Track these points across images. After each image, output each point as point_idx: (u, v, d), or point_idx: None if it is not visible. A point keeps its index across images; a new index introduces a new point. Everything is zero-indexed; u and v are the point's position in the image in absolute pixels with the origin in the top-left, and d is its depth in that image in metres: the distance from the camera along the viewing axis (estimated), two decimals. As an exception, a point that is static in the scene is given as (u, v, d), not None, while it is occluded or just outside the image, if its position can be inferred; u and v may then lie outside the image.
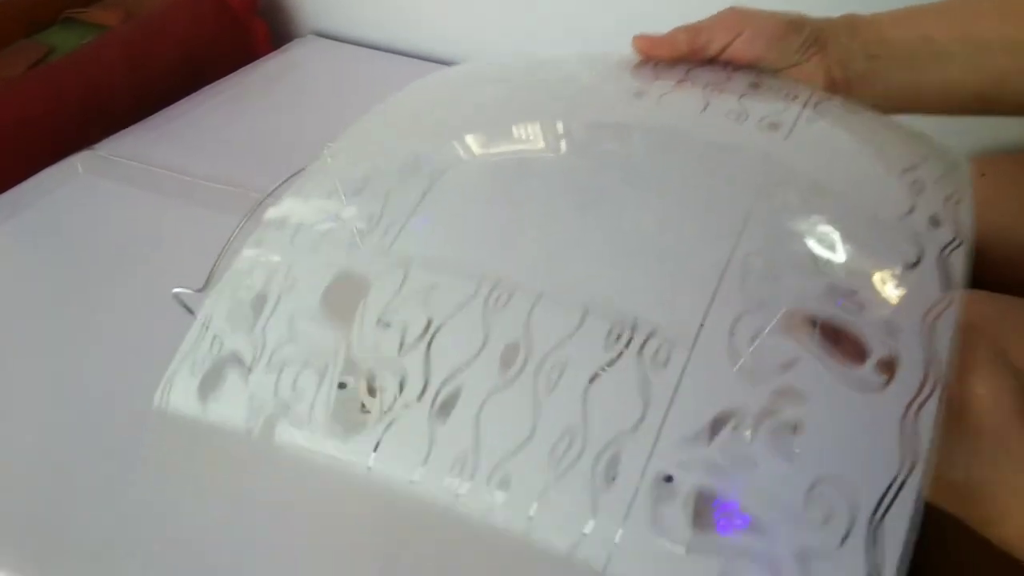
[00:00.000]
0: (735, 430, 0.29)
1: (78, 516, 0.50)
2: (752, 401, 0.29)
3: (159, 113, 0.89)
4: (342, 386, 0.32)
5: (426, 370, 0.31)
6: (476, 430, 0.30)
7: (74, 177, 0.79)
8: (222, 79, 0.96)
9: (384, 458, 0.30)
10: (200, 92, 0.94)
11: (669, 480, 0.28)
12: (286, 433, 0.32)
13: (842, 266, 0.33)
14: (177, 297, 0.43)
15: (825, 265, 0.33)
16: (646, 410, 0.29)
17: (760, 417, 0.29)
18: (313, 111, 0.94)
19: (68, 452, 0.53)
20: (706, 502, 0.28)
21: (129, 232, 0.73)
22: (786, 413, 0.29)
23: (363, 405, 0.31)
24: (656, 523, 0.28)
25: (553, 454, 0.29)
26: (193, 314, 0.41)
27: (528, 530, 0.28)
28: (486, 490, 0.29)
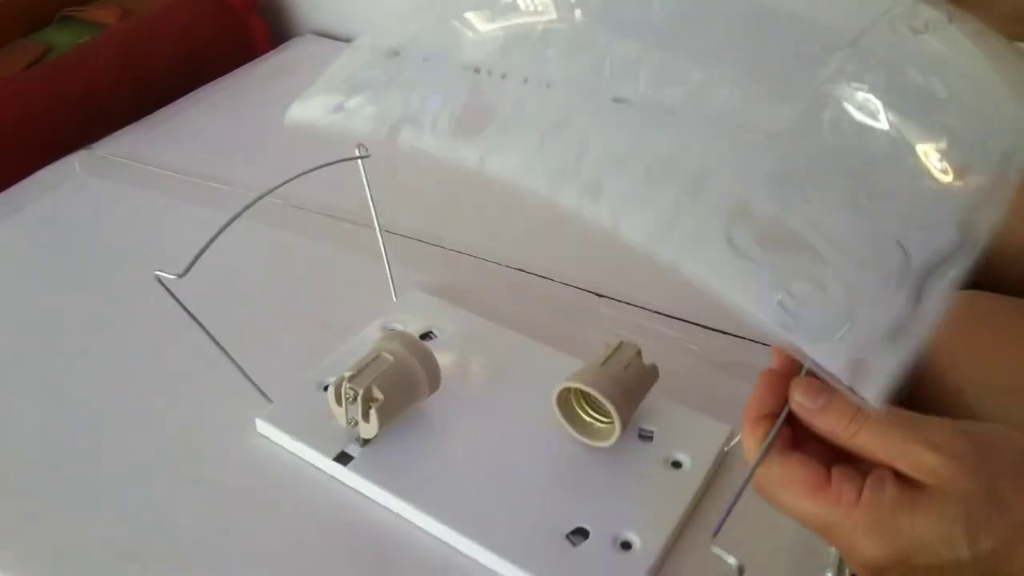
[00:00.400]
0: (815, 182, 0.32)
1: (78, 516, 0.50)
2: (834, 163, 0.33)
3: (157, 112, 0.89)
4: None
5: (542, 105, 0.35)
6: (582, 141, 0.34)
7: (72, 176, 0.79)
8: (220, 78, 0.96)
9: (497, 157, 0.35)
10: (198, 91, 0.93)
11: (744, 206, 0.32)
12: (410, 137, 0.37)
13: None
14: (159, 279, 0.45)
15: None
16: (737, 153, 0.33)
17: (838, 176, 0.32)
18: (311, 110, 0.93)
19: (65, 450, 0.53)
20: (775, 229, 0.31)
21: (127, 231, 0.73)
22: (861, 179, 0.33)
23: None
24: (727, 236, 0.31)
25: (648, 170, 0.33)
26: (175, 297, 0.44)
27: (616, 225, 0.32)
28: (583, 191, 0.33)
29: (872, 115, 0.35)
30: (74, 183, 0.78)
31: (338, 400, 0.51)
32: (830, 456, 0.35)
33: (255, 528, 0.49)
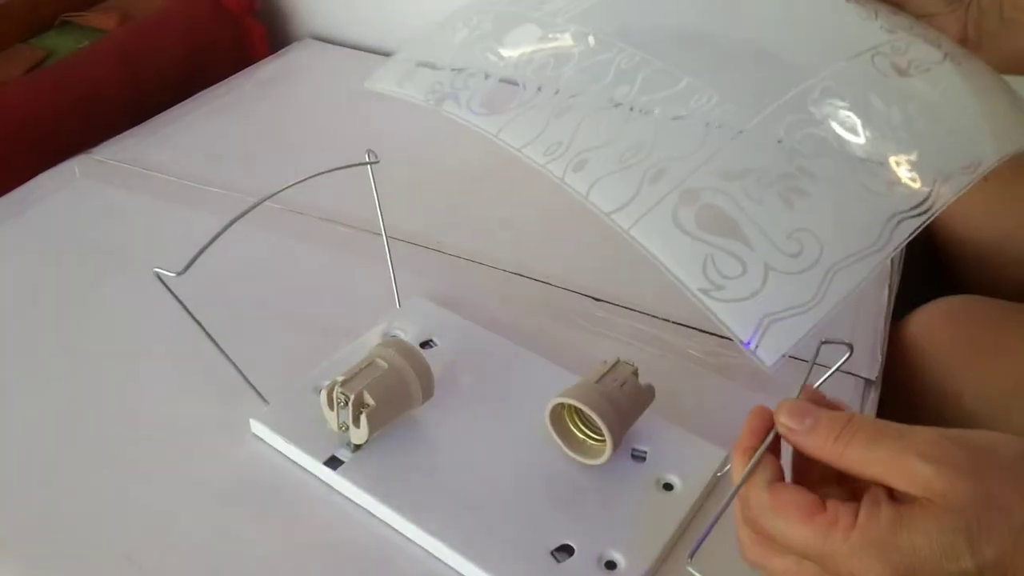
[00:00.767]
0: (758, 180, 0.39)
1: (78, 516, 0.50)
2: (779, 166, 0.40)
3: (156, 117, 0.89)
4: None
5: (556, 85, 0.44)
6: (575, 129, 0.42)
7: (71, 181, 0.79)
8: (220, 82, 0.96)
9: (509, 133, 0.43)
10: (198, 95, 0.94)
11: (694, 193, 0.39)
12: (450, 107, 0.46)
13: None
14: (158, 276, 0.45)
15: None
16: (698, 150, 0.40)
17: (779, 177, 0.39)
18: (311, 115, 0.94)
19: (64, 452, 0.53)
20: (714, 215, 0.38)
21: (126, 236, 0.73)
22: (800, 182, 0.39)
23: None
24: (673, 214, 0.39)
25: (622, 157, 0.41)
26: (173, 294, 0.46)
27: (587, 194, 0.40)
28: (568, 165, 0.41)
29: (825, 129, 0.41)
30: (74, 187, 0.78)
31: (330, 404, 0.51)
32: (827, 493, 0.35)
33: (245, 529, 0.49)
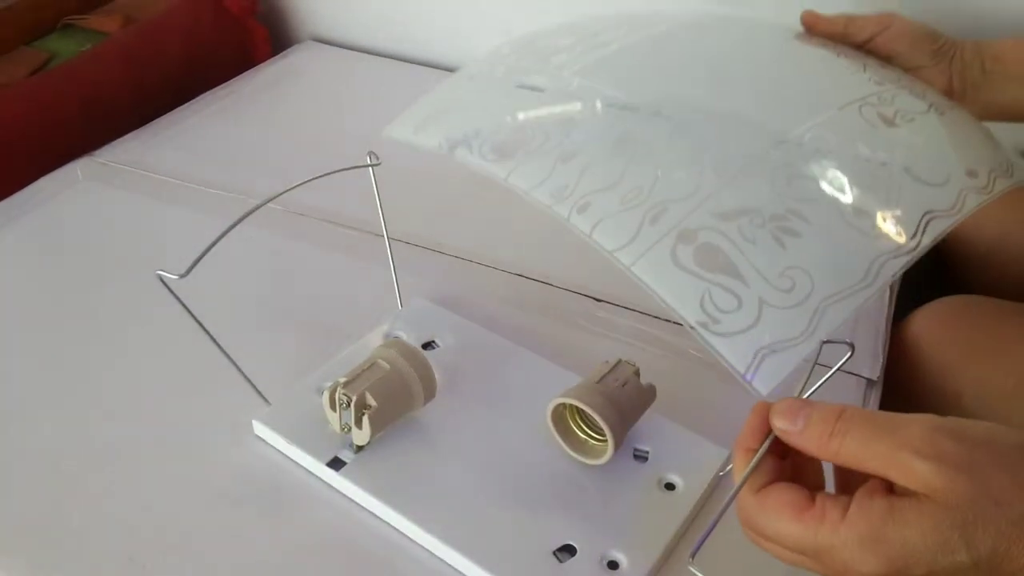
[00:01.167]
0: (751, 221, 0.41)
1: (82, 517, 0.50)
2: (771, 208, 0.42)
3: (159, 119, 0.90)
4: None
5: (562, 137, 0.47)
6: (580, 174, 0.44)
7: (74, 183, 0.79)
8: (221, 85, 0.97)
9: (517, 177, 0.45)
10: (200, 98, 0.94)
11: (692, 233, 0.41)
12: (462, 156, 0.48)
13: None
14: (161, 279, 0.46)
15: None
16: (696, 191, 0.42)
17: (772, 218, 0.41)
18: (312, 116, 0.94)
19: (66, 453, 0.54)
20: (711, 253, 0.40)
21: (129, 237, 0.73)
22: (792, 223, 0.41)
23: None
24: (672, 253, 0.41)
25: (624, 199, 0.43)
26: (176, 296, 0.47)
27: (590, 233, 0.42)
28: (573, 207, 0.43)
29: (814, 174, 0.44)
30: (76, 190, 0.78)
31: (332, 406, 0.51)
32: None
33: (248, 530, 0.49)
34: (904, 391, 0.65)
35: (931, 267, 0.81)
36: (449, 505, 0.49)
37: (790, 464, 0.37)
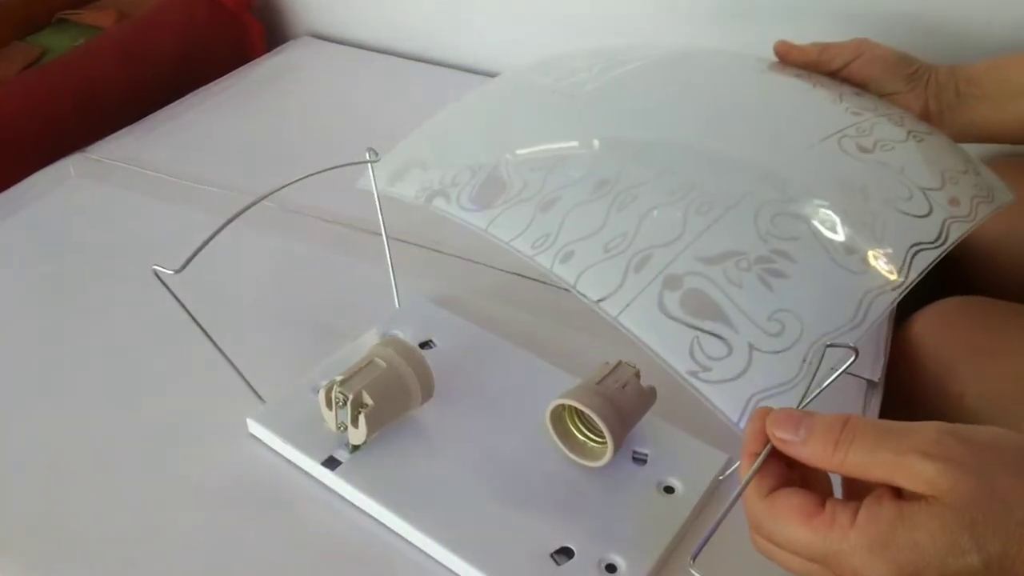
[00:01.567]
0: (736, 264, 0.41)
1: (78, 515, 0.49)
2: (755, 250, 0.41)
3: (153, 115, 0.89)
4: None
5: (541, 183, 0.46)
6: (561, 222, 0.44)
7: (66, 180, 0.78)
8: (217, 80, 0.96)
9: (497, 227, 0.45)
10: (194, 94, 0.93)
11: (677, 279, 0.41)
12: (440, 204, 0.48)
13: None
14: (156, 274, 0.45)
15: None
16: (680, 235, 0.42)
17: (757, 260, 0.41)
18: (308, 113, 0.93)
19: (61, 452, 0.53)
20: (698, 299, 0.40)
21: (122, 234, 0.72)
22: (778, 264, 0.41)
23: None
24: (659, 300, 0.40)
25: (607, 246, 0.42)
26: (171, 291, 0.46)
27: (575, 284, 0.42)
28: (556, 257, 0.43)
29: (796, 212, 0.43)
30: (69, 187, 0.78)
31: (328, 404, 0.50)
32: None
33: (242, 530, 0.49)
34: (906, 392, 0.64)
35: (933, 268, 0.81)
36: (446, 506, 0.49)
37: (799, 471, 0.36)
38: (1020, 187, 0.55)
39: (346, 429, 0.50)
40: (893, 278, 0.42)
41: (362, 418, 0.49)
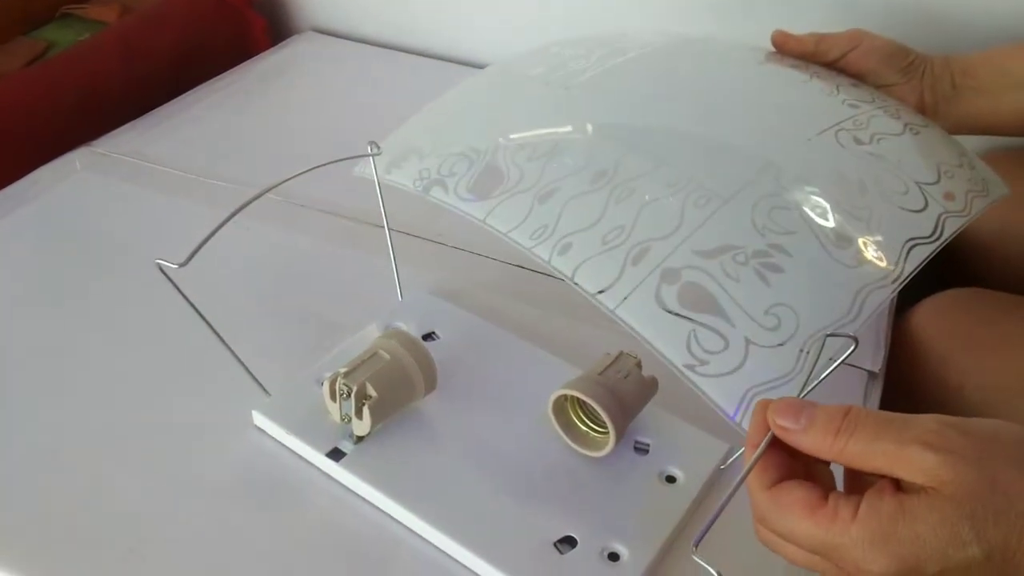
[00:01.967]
0: (734, 258, 0.41)
1: (83, 507, 0.50)
2: (753, 244, 0.41)
3: (157, 110, 0.89)
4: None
5: (539, 174, 0.46)
6: (559, 213, 0.44)
7: (72, 173, 0.79)
8: (220, 75, 0.96)
9: (495, 218, 0.45)
10: (198, 88, 0.93)
11: (675, 272, 0.41)
12: (439, 194, 0.48)
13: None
14: (160, 268, 0.46)
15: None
16: (678, 228, 0.42)
17: (754, 255, 0.41)
18: (312, 107, 0.93)
19: (66, 445, 0.53)
20: (695, 292, 0.40)
21: (127, 228, 0.73)
22: (775, 258, 0.41)
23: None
24: (656, 294, 0.40)
25: (605, 238, 0.42)
26: (175, 285, 0.47)
27: (572, 276, 0.42)
28: (554, 249, 0.43)
29: (793, 206, 0.43)
30: (74, 180, 0.78)
31: (333, 396, 0.51)
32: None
33: (247, 521, 0.49)
34: (906, 383, 0.65)
35: (933, 260, 0.81)
36: (449, 496, 0.49)
37: (802, 464, 0.37)
38: (1016, 179, 0.55)
39: (350, 421, 0.51)
40: (888, 272, 0.42)
41: (366, 410, 0.49)
